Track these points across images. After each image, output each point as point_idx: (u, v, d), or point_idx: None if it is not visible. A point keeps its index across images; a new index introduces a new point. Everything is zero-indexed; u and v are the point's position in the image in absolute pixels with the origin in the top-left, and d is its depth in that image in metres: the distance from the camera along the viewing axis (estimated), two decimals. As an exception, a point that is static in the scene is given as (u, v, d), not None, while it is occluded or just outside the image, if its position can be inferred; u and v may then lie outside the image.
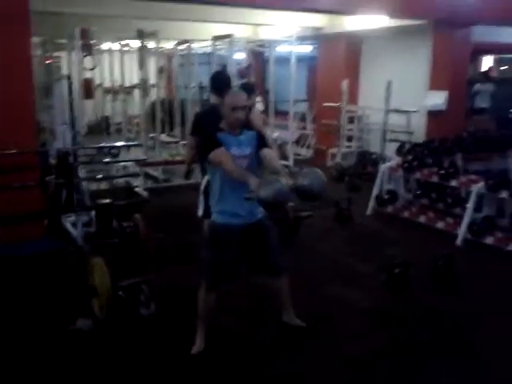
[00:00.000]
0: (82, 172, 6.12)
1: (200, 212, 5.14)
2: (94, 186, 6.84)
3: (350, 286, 4.60)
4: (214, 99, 4.85)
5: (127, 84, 10.98)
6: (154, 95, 9.69)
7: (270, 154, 3.29)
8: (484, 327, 3.89)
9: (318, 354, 3.49)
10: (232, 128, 3.26)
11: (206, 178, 4.78)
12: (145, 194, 7.08)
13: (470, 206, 5.60)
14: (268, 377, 3.25)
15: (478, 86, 11.31)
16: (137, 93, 12.26)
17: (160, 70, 11.34)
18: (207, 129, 4.60)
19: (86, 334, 3.63)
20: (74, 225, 5.64)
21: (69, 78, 5.50)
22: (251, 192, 2.91)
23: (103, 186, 7.18)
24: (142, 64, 8.61)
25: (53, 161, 5.87)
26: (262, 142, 3.33)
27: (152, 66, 9.70)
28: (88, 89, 7.55)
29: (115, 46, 10.81)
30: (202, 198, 4.99)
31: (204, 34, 10.22)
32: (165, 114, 11.40)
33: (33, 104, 5.24)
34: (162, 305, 3.97)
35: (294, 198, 3.04)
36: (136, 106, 11.78)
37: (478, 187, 5.57)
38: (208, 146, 3.23)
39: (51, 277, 4.62)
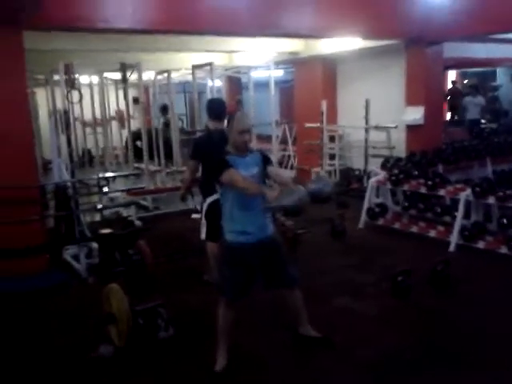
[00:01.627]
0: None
1: (203, 235, 5.23)
2: (87, 219, 6.87)
3: (355, 296, 4.75)
4: (212, 125, 5.02)
5: (107, 116, 11.05)
6: (132, 126, 9.87)
7: (276, 170, 3.54)
8: (486, 326, 4.05)
9: (334, 360, 3.63)
10: (239, 150, 3.42)
11: (208, 201, 4.94)
12: (138, 222, 7.13)
13: (459, 213, 5.83)
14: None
15: (468, 99, 11.80)
16: (115, 124, 12.44)
17: (135, 101, 11.51)
18: (215, 153, 4.77)
19: (108, 361, 3.67)
20: (74, 257, 5.68)
21: (65, 112, 5.59)
22: (269, 203, 3.12)
23: (97, 217, 7.20)
24: (126, 95, 8.73)
25: (48, 195, 5.94)
26: (267, 161, 3.53)
27: (130, 97, 9.83)
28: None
29: (94, 79, 10.90)
30: (204, 221, 5.10)
31: (180, 63, 10.43)
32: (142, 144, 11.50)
33: (31, 138, 5.31)
34: (177, 327, 4.04)
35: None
36: (115, 137, 11.92)
37: (465, 194, 5.82)
38: (219, 168, 3.36)
39: (60, 309, 4.64)
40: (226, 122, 5.34)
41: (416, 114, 8.44)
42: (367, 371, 3.49)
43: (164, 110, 11.25)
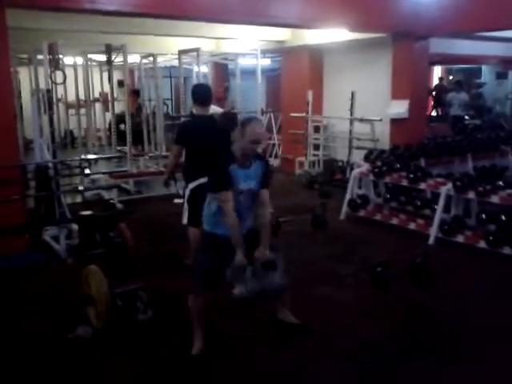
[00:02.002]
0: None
1: (184, 220, 5.23)
2: (68, 200, 6.81)
3: (335, 286, 4.79)
4: (197, 110, 5.00)
5: (91, 98, 10.93)
6: (116, 109, 9.78)
7: (263, 203, 3.47)
8: (465, 319, 4.12)
9: (313, 348, 3.66)
10: (246, 158, 3.35)
11: (190, 186, 4.93)
12: (120, 205, 7.09)
13: (439, 206, 5.90)
14: (268, 371, 3.39)
15: (451, 95, 11.90)
16: (98, 107, 12.31)
17: (120, 84, 11.39)
18: (199, 139, 4.76)
19: (86, 342, 3.66)
20: (54, 238, 5.64)
21: (48, 91, 5.50)
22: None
23: (78, 199, 7.14)
24: (111, 78, 8.63)
25: (29, 174, 5.87)
26: (265, 179, 3.48)
27: (114, 80, 9.71)
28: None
29: (78, 60, 10.76)
30: (186, 206, 5.09)
31: (167, 47, 10.34)
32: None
33: (13, 118, 5.22)
34: (156, 311, 4.04)
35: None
36: (98, 119, 11.80)
37: (446, 189, 5.89)
38: (221, 183, 3.31)
39: (38, 289, 4.61)
40: (211, 107, 5.40)
41: (400, 108, 8.50)
42: (347, 360, 3.53)
43: (136, 93, 11.15)
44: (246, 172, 3.36)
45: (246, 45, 10.37)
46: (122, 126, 9.69)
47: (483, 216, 5.81)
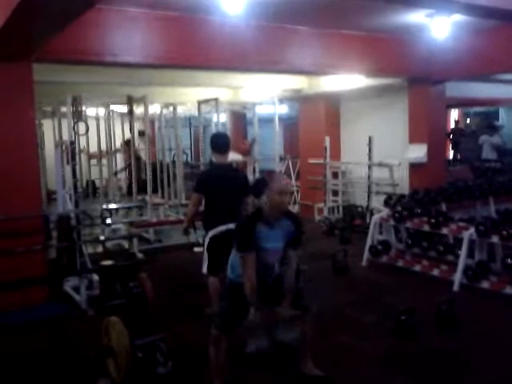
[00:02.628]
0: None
1: (204, 269, 5.20)
2: (89, 250, 6.85)
3: (358, 334, 4.68)
4: (216, 158, 5.06)
5: (113, 148, 11.13)
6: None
7: (291, 262, 3.43)
8: (492, 366, 3.99)
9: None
10: (274, 211, 3.32)
11: (210, 234, 4.93)
12: (140, 255, 7.11)
13: (463, 251, 5.80)
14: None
15: (484, 138, 11.73)
16: (119, 157, 12.52)
17: (141, 134, 11.60)
18: (219, 187, 4.77)
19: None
20: (74, 289, 5.64)
21: (72, 143, 5.63)
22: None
23: (99, 249, 7.18)
24: (132, 128, 8.81)
25: (52, 225, 5.94)
26: (295, 241, 3.44)
27: (135, 130, 9.91)
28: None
29: (101, 111, 11.03)
30: (206, 255, 5.08)
31: (186, 97, 10.57)
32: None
33: (37, 169, 5.34)
34: (175, 363, 3.97)
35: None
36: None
37: (469, 233, 5.79)
38: (243, 239, 3.30)
39: (59, 342, 4.58)
40: (230, 155, 5.46)
41: (419, 152, 8.49)
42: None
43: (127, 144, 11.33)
44: (273, 232, 3.32)
45: (263, 93, 10.55)
46: (142, 176, 9.80)
47: (509, 260, 5.68)
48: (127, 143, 11.21)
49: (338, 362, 4.09)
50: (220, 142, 5.06)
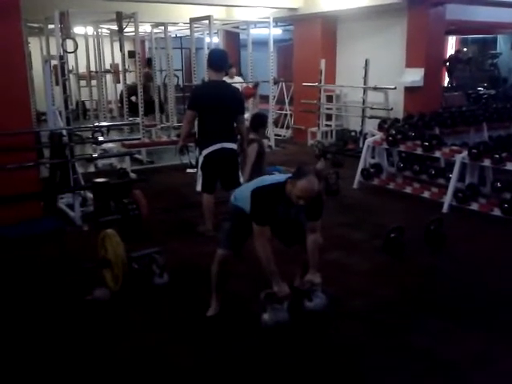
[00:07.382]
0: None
1: (198, 187, 5.25)
2: (80, 170, 6.83)
3: (348, 252, 4.79)
4: (211, 75, 4.96)
5: (102, 69, 10.88)
6: (127, 80, 9.73)
7: (312, 232, 3.34)
8: (478, 282, 4.14)
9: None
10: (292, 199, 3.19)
11: (204, 153, 4.91)
12: (133, 175, 7.12)
13: (454, 174, 5.86)
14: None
15: None
16: (109, 78, 12.27)
17: (131, 55, 11.31)
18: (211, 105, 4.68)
19: (103, 304, 3.71)
20: (68, 205, 5.68)
21: (61, 58, 5.47)
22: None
23: (91, 169, 7.18)
24: (122, 47, 8.57)
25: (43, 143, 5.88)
26: (316, 212, 3.31)
27: (125, 50, 9.63)
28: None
29: (89, 29, 10.68)
30: (200, 173, 5.10)
31: (178, 16, 10.22)
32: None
33: (27, 86, 5.22)
34: (172, 275, 4.07)
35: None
36: (109, 91, 11.77)
37: (461, 156, 5.83)
38: (262, 216, 3.22)
39: (55, 254, 4.64)
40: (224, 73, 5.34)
41: (415, 76, 8.39)
42: (357, 320, 3.55)
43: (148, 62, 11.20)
44: (293, 209, 3.25)
45: (257, 13, 10.22)
46: (133, 98, 9.64)
47: (498, 184, 5.76)
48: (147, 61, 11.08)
49: (329, 276, 4.18)
50: (217, 58, 4.94)
